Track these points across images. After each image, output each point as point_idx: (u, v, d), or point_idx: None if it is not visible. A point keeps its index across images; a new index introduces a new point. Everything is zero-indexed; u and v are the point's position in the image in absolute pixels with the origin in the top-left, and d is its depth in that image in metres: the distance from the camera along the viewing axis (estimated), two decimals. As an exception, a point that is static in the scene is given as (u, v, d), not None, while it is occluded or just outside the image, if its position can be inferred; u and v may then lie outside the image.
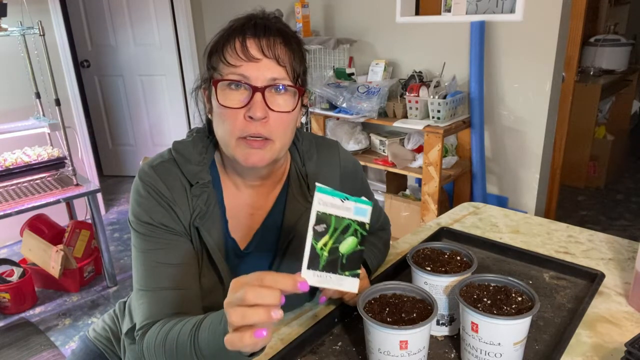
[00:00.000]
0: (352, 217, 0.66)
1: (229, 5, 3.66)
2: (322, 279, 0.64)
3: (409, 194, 2.90)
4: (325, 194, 0.65)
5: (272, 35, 0.81)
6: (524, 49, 2.38)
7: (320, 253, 0.63)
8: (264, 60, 0.79)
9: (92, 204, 2.48)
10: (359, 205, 0.67)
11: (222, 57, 0.80)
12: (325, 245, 0.64)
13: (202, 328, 0.69)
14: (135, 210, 0.85)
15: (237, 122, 0.80)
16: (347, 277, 0.66)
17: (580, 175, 3.72)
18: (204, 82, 0.87)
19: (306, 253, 0.63)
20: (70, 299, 2.56)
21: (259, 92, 0.79)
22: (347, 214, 0.66)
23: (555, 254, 1.11)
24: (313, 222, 0.63)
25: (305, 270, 0.62)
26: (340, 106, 2.65)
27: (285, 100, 0.82)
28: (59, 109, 2.47)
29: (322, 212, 0.64)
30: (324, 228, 0.64)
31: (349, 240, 0.66)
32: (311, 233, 0.63)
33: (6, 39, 2.74)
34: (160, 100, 4.08)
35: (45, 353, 2.12)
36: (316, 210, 0.63)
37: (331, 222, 0.64)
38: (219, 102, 0.80)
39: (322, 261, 0.63)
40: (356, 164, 1.05)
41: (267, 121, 0.80)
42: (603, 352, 0.80)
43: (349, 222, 0.66)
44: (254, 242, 0.92)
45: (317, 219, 0.63)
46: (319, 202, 0.64)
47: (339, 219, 0.65)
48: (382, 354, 0.71)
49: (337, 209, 0.65)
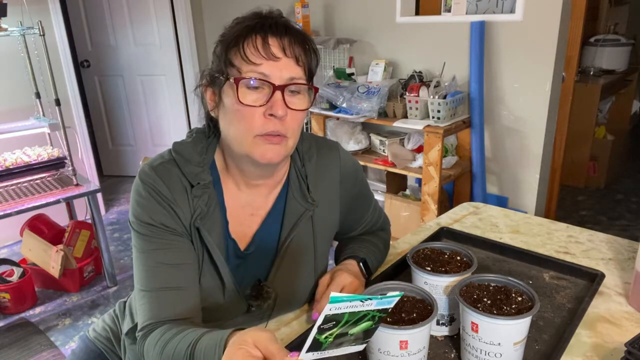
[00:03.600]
0: (372, 309, 0.59)
1: (229, 5, 3.66)
2: (323, 354, 0.61)
3: (409, 194, 2.90)
4: (341, 303, 0.56)
5: (292, 35, 0.82)
6: (524, 49, 2.38)
7: (324, 341, 0.59)
8: (283, 59, 0.80)
9: (92, 204, 2.48)
10: (384, 300, 0.59)
11: (242, 53, 0.80)
12: (331, 335, 0.59)
13: (197, 351, 0.70)
14: (135, 211, 0.85)
15: (256, 120, 0.80)
16: (352, 346, 0.63)
17: (580, 175, 3.72)
18: (212, 78, 0.85)
19: (307, 342, 0.58)
20: (70, 299, 2.56)
21: (279, 90, 0.79)
22: (367, 308, 0.59)
23: (555, 254, 1.11)
24: (319, 323, 0.57)
25: (304, 354, 0.59)
26: (340, 106, 2.65)
27: (300, 99, 0.83)
28: (59, 109, 2.47)
29: (332, 315, 0.57)
30: (332, 325, 0.58)
31: (362, 325, 0.61)
32: (315, 330, 0.57)
33: (6, 39, 2.74)
34: (160, 100, 4.08)
35: (45, 353, 2.12)
36: (325, 314, 0.56)
37: (343, 318, 0.58)
38: (239, 100, 0.79)
39: (325, 345, 0.60)
40: (356, 165, 1.04)
41: (285, 119, 0.80)
42: (603, 352, 0.80)
43: (367, 313, 0.60)
44: (254, 243, 0.92)
45: (325, 319, 0.57)
46: (330, 309, 0.56)
47: (354, 313, 0.58)
48: (382, 354, 0.71)
49: (354, 308, 0.58)
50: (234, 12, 0.88)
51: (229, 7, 3.65)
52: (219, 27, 0.85)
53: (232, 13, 0.87)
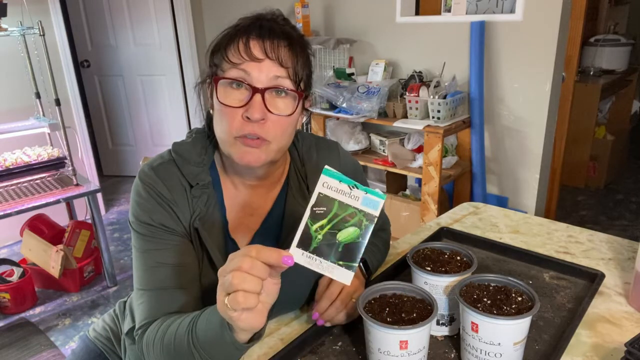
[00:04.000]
0: (358, 206, 0.62)
1: (229, 5, 3.66)
2: (311, 260, 0.61)
3: (409, 194, 2.90)
4: (332, 178, 0.61)
5: (276, 38, 0.80)
6: (524, 49, 2.38)
7: (314, 235, 0.61)
8: (266, 60, 0.79)
9: (92, 204, 2.48)
10: (370, 197, 0.62)
11: (224, 55, 0.80)
12: (322, 229, 0.61)
13: (200, 320, 0.70)
14: (135, 211, 0.85)
15: (235, 121, 0.79)
16: (340, 266, 0.62)
17: (580, 175, 3.72)
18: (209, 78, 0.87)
19: (299, 231, 0.60)
20: (70, 299, 2.56)
21: (259, 93, 0.78)
22: (354, 202, 0.62)
23: (555, 254, 1.11)
24: (312, 203, 0.60)
25: (295, 248, 0.60)
26: (340, 106, 2.65)
27: (285, 104, 0.81)
28: (59, 109, 2.47)
29: (324, 195, 0.61)
30: (323, 210, 0.61)
31: (349, 230, 0.62)
32: (308, 212, 0.60)
33: (6, 39, 2.74)
34: (160, 100, 4.08)
35: (45, 353, 2.12)
36: (318, 191, 0.60)
37: (333, 207, 0.61)
38: (219, 100, 0.80)
39: (314, 243, 0.61)
40: (356, 165, 1.04)
41: (265, 122, 0.79)
42: (603, 352, 0.80)
43: (354, 211, 0.62)
44: (254, 244, 0.92)
45: (317, 200, 0.60)
46: (323, 185, 0.61)
47: (343, 206, 0.62)
48: (382, 354, 0.71)
49: (342, 195, 0.61)
50: (234, 13, 0.88)
51: (229, 8, 3.65)
52: (219, 27, 0.86)
53: (232, 13, 0.88)
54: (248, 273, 0.60)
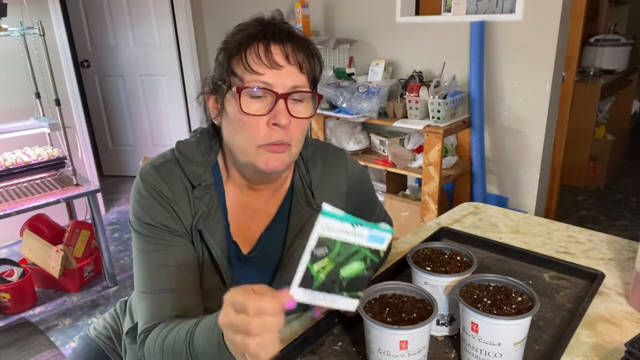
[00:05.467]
0: (364, 243, 0.59)
1: (229, 5, 3.65)
2: (313, 296, 0.58)
3: (409, 194, 2.90)
4: (332, 219, 0.56)
5: (295, 42, 0.80)
6: (524, 49, 2.38)
7: (316, 275, 0.57)
8: (286, 67, 0.79)
9: (92, 204, 2.48)
10: (375, 233, 0.59)
11: (245, 62, 0.79)
12: (323, 269, 0.58)
13: (197, 332, 0.70)
14: (136, 211, 0.84)
15: (260, 130, 0.79)
16: (344, 297, 0.60)
17: (580, 175, 3.72)
18: (214, 86, 0.84)
19: (298, 273, 0.57)
20: (70, 299, 2.56)
21: (283, 99, 0.78)
22: (358, 240, 0.58)
23: (555, 254, 1.11)
24: (312, 246, 0.56)
25: (296, 288, 0.57)
26: (340, 106, 2.65)
27: (304, 107, 0.82)
28: (59, 109, 2.47)
29: (325, 237, 0.57)
30: (324, 252, 0.57)
31: (353, 266, 0.59)
32: (308, 256, 0.56)
33: (6, 39, 2.74)
34: (160, 100, 4.08)
35: (45, 353, 2.12)
36: (318, 234, 0.56)
37: (334, 247, 0.57)
38: (242, 110, 0.78)
39: (317, 282, 0.58)
40: (364, 173, 1.03)
41: (289, 127, 0.79)
42: (603, 352, 0.80)
43: (358, 249, 0.59)
44: (258, 248, 0.92)
45: (318, 242, 0.56)
46: (322, 228, 0.56)
47: (346, 245, 0.58)
48: (382, 354, 0.71)
49: (345, 235, 0.58)
50: (234, 13, 0.88)
51: (230, 8, 3.64)
52: (219, 27, 0.85)
53: (233, 13, 0.87)
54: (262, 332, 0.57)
